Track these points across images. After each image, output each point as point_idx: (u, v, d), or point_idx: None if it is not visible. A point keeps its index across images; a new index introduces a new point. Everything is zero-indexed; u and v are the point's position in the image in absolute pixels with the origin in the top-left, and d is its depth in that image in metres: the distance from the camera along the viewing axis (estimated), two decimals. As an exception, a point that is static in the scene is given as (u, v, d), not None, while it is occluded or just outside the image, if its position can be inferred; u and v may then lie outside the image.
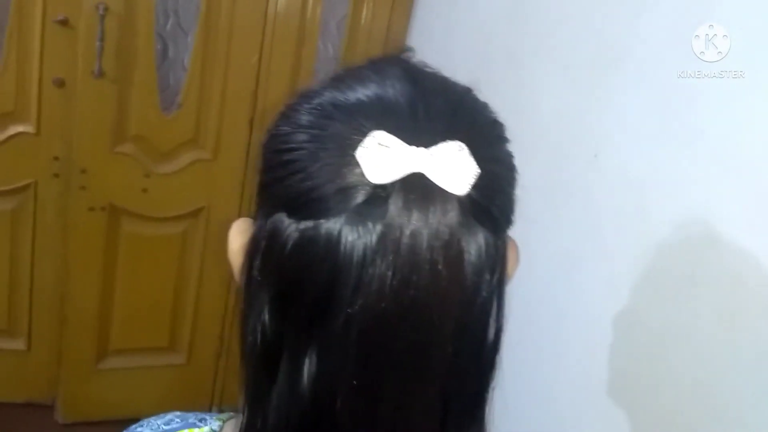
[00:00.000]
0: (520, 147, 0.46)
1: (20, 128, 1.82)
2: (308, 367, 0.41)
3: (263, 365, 0.44)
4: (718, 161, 1.08)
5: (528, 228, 1.42)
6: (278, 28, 1.85)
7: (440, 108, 0.42)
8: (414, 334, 0.39)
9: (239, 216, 2.01)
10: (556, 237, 1.42)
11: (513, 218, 0.46)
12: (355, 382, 0.40)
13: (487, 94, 0.47)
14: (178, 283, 2.04)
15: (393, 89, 0.42)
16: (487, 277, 0.42)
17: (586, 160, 1.34)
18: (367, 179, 0.39)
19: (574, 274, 1.38)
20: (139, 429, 0.59)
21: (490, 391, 0.46)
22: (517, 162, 0.46)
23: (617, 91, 1.28)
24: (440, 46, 1.86)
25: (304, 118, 0.43)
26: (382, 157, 0.39)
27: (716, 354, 1.08)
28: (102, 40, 1.68)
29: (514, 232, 0.46)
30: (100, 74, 1.72)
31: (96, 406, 2.07)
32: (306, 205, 0.41)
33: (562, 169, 1.40)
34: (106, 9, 1.66)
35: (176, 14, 1.86)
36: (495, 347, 0.45)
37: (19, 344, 2.03)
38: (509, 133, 0.46)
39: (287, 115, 0.45)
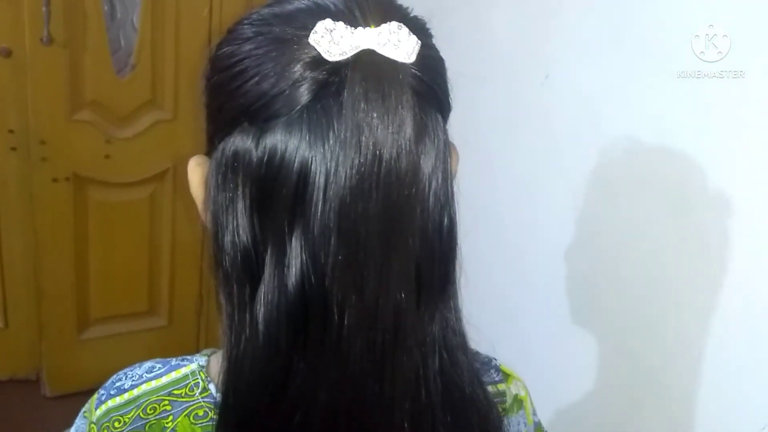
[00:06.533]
0: (477, 73, 0.49)
1: (-30, 103, 1.77)
2: (294, 256, 0.44)
3: (246, 274, 0.46)
4: (666, 75, 1.13)
5: (489, 152, 1.46)
6: (227, -22, 1.83)
7: (372, 3, 0.45)
8: (386, 202, 0.42)
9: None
10: (517, 158, 1.47)
11: (451, 105, 0.50)
12: (340, 257, 0.43)
13: (442, 23, 0.51)
14: (152, 247, 2.04)
15: None
16: (440, 149, 0.47)
17: (539, 81, 1.38)
18: (321, 65, 0.42)
19: (536, 192, 1.44)
20: (119, 383, 0.56)
21: (456, 272, 0.50)
22: (474, 88, 0.49)
23: (567, 10, 1.32)
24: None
25: (248, 31, 0.46)
26: (332, 38, 0.42)
27: (668, 247, 1.16)
28: (48, 5, 1.63)
29: (478, 157, 0.49)
30: (49, 41, 1.68)
31: (82, 376, 2.06)
32: (266, 106, 0.43)
33: (518, 91, 1.44)
34: (48, -28, 1.62)
35: (119, -28, 1.81)
36: (451, 229, 0.49)
37: (-4, 323, 2.01)
38: (466, 59, 0.49)
39: (228, 37, 0.47)
